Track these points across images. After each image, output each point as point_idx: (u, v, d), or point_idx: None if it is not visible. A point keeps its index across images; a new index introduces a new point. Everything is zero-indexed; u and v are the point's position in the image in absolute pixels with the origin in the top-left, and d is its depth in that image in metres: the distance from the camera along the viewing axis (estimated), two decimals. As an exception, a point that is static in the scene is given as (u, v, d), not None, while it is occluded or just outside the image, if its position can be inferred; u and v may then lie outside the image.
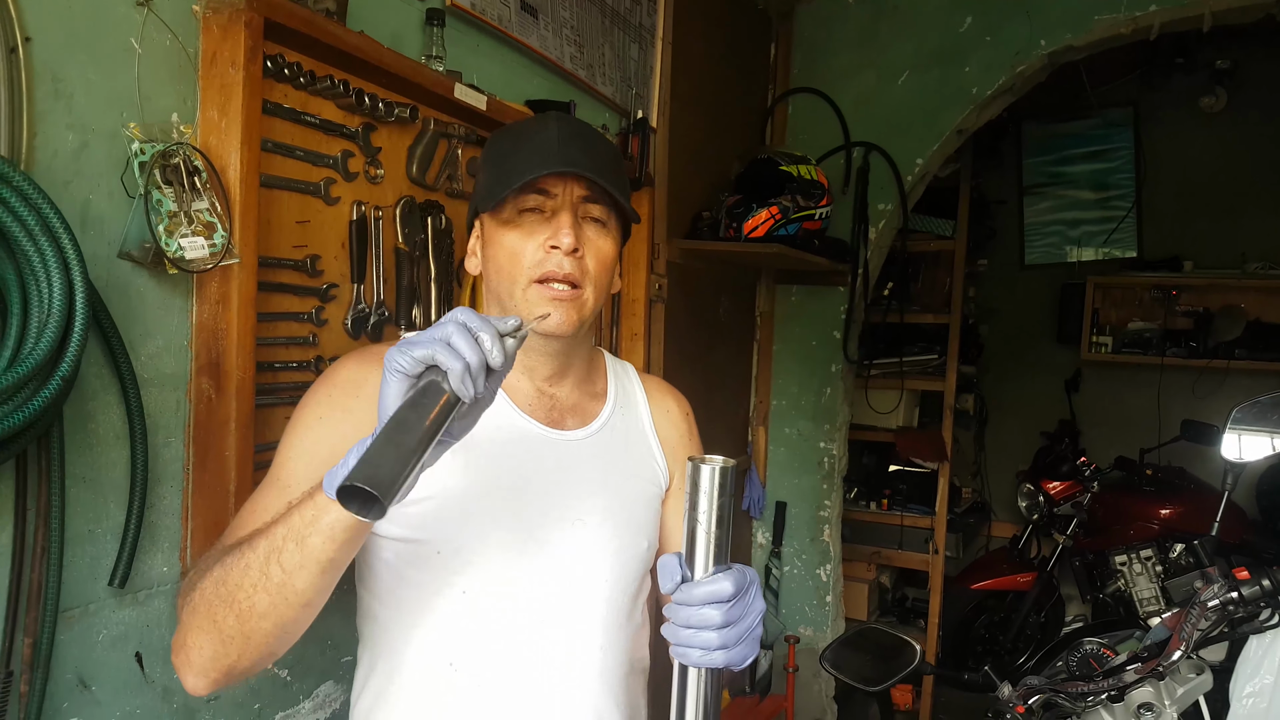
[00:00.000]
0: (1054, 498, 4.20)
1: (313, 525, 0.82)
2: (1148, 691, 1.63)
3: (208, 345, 1.29)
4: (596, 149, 1.08)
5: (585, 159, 1.04)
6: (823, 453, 3.42)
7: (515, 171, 1.02)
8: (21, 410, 0.97)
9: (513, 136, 1.10)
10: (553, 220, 1.06)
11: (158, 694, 1.31)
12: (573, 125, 1.09)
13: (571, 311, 1.06)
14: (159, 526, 1.29)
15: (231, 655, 0.88)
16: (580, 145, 1.06)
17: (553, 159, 1.02)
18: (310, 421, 1.03)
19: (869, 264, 3.25)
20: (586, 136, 1.09)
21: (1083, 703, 1.63)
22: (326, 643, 1.60)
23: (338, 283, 1.50)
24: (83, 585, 1.19)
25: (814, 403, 3.40)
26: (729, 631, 0.83)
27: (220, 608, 0.86)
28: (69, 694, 1.19)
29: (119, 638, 1.25)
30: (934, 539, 4.01)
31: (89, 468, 1.19)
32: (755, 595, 0.87)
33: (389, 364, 0.78)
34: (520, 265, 1.05)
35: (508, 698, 1.07)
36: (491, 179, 1.07)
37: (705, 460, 0.82)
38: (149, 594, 1.28)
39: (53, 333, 0.99)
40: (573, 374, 1.17)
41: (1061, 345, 4.99)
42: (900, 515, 4.10)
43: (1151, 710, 1.61)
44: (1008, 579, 4.23)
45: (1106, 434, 4.83)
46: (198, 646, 0.88)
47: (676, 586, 0.84)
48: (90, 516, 1.20)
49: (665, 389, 1.33)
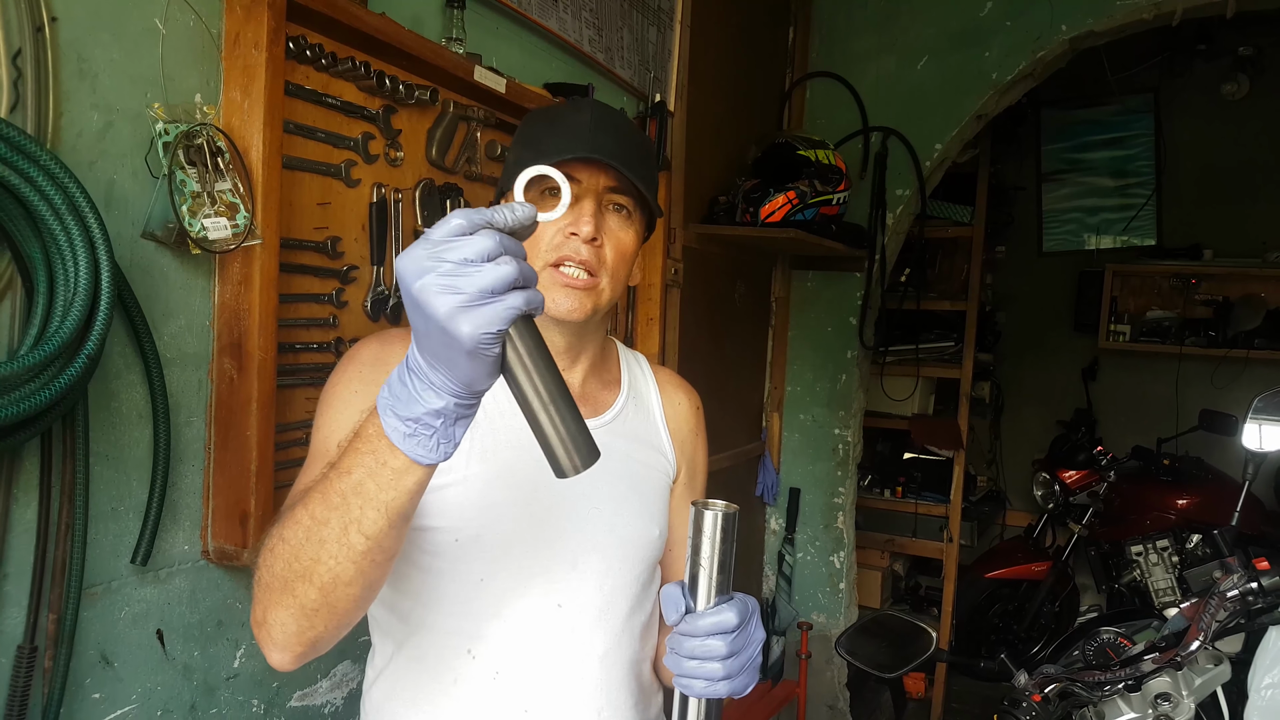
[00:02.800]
0: (1070, 487, 4.19)
1: (394, 485, 0.76)
2: (1165, 682, 1.62)
3: (230, 325, 1.29)
4: (629, 140, 1.07)
5: (616, 148, 1.02)
6: (837, 439, 3.42)
7: (544, 153, 1.00)
8: (47, 388, 0.97)
9: (546, 118, 1.08)
10: (575, 206, 1.04)
11: (178, 671, 1.32)
12: (607, 113, 1.08)
13: (586, 300, 1.04)
14: (180, 505, 1.30)
15: (318, 626, 0.85)
16: (612, 134, 1.04)
17: (582, 145, 1.01)
18: (346, 396, 1.03)
19: (886, 250, 3.23)
20: (620, 126, 1.07)
21: (1099, 692, 1.62)
22: (345, 623, 1.61)
23: (358, 265, 1.50)
24: (106, 563, 1.20)
25: (829, 389, 3.39)
26: (733, 661, 0.84)
27: (299, 584, 0.82)
28: (91, 670, 1.20)
29: (141, 615, 1.26)
30: (948, 527, 4.00)
31: (112, 446, 1.20)
32: (756, 625, 0.88)
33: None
34: (537, 247, 1.04)
35: (523, 686, 1.06)
36: (520, 158, 1.07)
37: (709, 505, 0.82)
38: (170, 572, 1.30)
39: (78, 311, 0.99)
40: (585, 362, 1.16)
41: (1079, 333, 4.95)
42: (914, 503, 4.09)
43: (1169, 700, 1.61)
44: (1022, 568, 4.22)
45: (1123, 423, 4.80)
46: (280, 623, 0.86)
47: (681, 617, 0.85)
48: (113, 494, 1.21)
49: (676, 382, 1.32)
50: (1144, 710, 1.61)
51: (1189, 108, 4.70)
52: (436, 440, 0.72)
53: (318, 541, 0.80)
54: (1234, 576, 1.61)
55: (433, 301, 0.64)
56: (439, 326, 0.65)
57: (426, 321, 0.66)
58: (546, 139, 1.03)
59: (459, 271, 0.64)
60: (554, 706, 1.08)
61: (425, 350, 0.69)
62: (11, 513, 1.09)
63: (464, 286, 0.64)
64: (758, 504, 3.52)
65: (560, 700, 1.08)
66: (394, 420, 0.72)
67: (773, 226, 2.54)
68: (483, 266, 0.64)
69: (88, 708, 1.21)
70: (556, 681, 1.08)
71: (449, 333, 0.65)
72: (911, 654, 1.56)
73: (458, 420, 0.72)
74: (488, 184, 1.75)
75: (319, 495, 0.80)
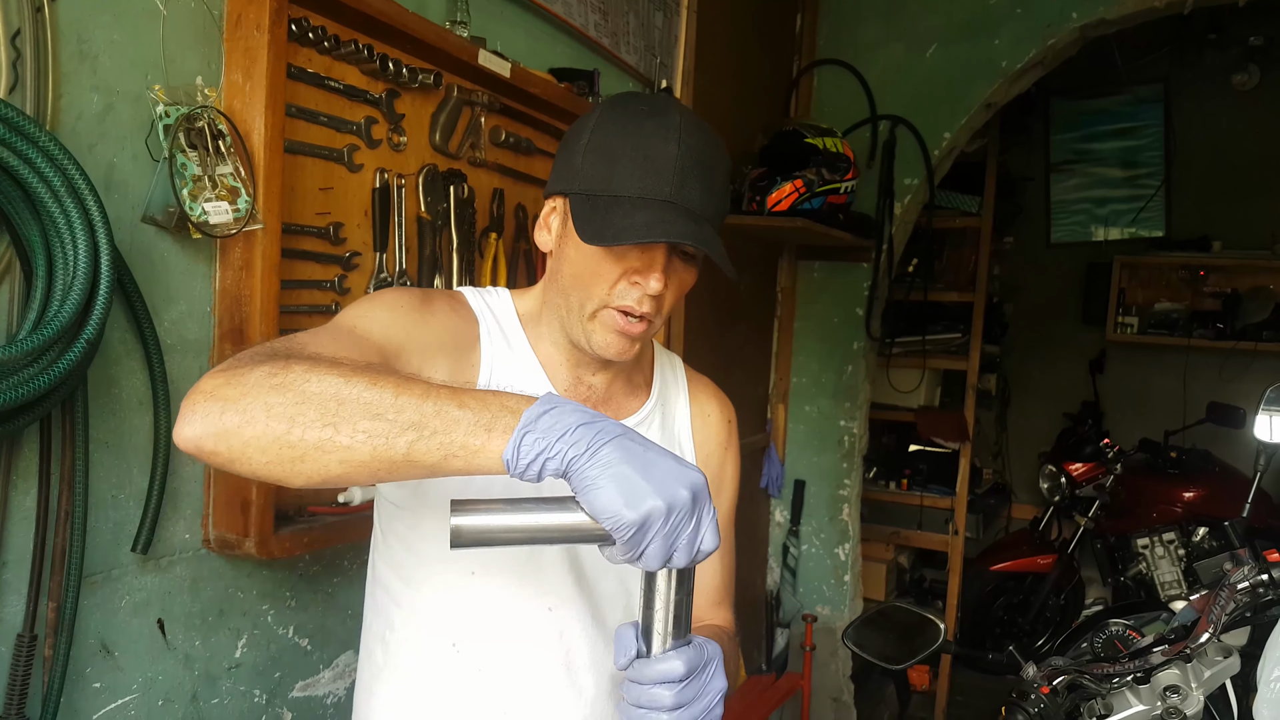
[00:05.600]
0: (1076, 479, 4.17)
1: (466, 457, 0.71)
2: (1174, 674, 1.60)
3: (231, 311, 1.28)
4: (714, 181, 0.97)
5: (700, 194, 0.94)
6: (843, 431, 3.40)
7: (618, 177, 0.93)
8: (46, 373, 0.96)
9: (628, 131, 0.95)
10: (645, 253, 0.97)
11: (179, 660, 1.31)
12: (695, 143, 0.95)
13: (637, 342, 1.02)
14: (181, 494, 1.29)
15: (266, 451, 0.72)
16: (699, 179, 0.94)
17: (665, 185, 0.93)
18: (398, 307, 0.97)
19: (894, 239, 3.20)
20: (707, 162, 0.96)
21: (1108, 684, 1.60)
22: (347, 612, 1.60)
23: (360, 251, 1.48)
24: (106, 551, 1.19)
25: (835, 380, 3.37)
26: (682, 713, 0.78)
27: (311, 411, 0.71)
28: (91, 659, 1.19)
29: (141, 604, 1.25)
30: (954, 520, 3.98)
31: (112, 433, 1.19)
32: (714, 673, 0.81)
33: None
34: (598, 287, 0.98)
35: (505, 686, 1.04)
36: (588, 168, 0.96)
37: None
38: (171, 560, 1.29)
39: (78, 296, 0.98)
40: (615, 365, 1.10)
41: (1086, 326, 4.92)
42: (920, 495, 4.07)
43: (1178, 692, 1.59)
44: (1028, 560, 4.21)
45: (1131, 416, 4.77)
46: (239, 413, 0.71)
47: (630, 662, 0.79)
48: (114, 482, 1.20)
49: (710, 391, 1.25)
50: (1153, 702, 1.60)
51: (1199, 98, 4.66)
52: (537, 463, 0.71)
53: (351, 416, 0.70)
54: (1244, 568, 1.58)
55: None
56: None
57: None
58: (625, 163, 0.94)
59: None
60: (535, 710, 1.05)
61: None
62: (10, 500, 1.08)
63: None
64: (762, 496, 3.51)
65: (543, 705, 1.06)
66: (529, 445, 0.70)
67: (779, 216, 2.52)
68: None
69: (88, 697, 1.20)
70: (540, 685, 1.05)
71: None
72: (919, 645, 1.55)
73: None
74: (492, 170, 1.73)
75: (386, 391, 0.71)
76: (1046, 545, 4.27)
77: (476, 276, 1.72)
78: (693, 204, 0.94)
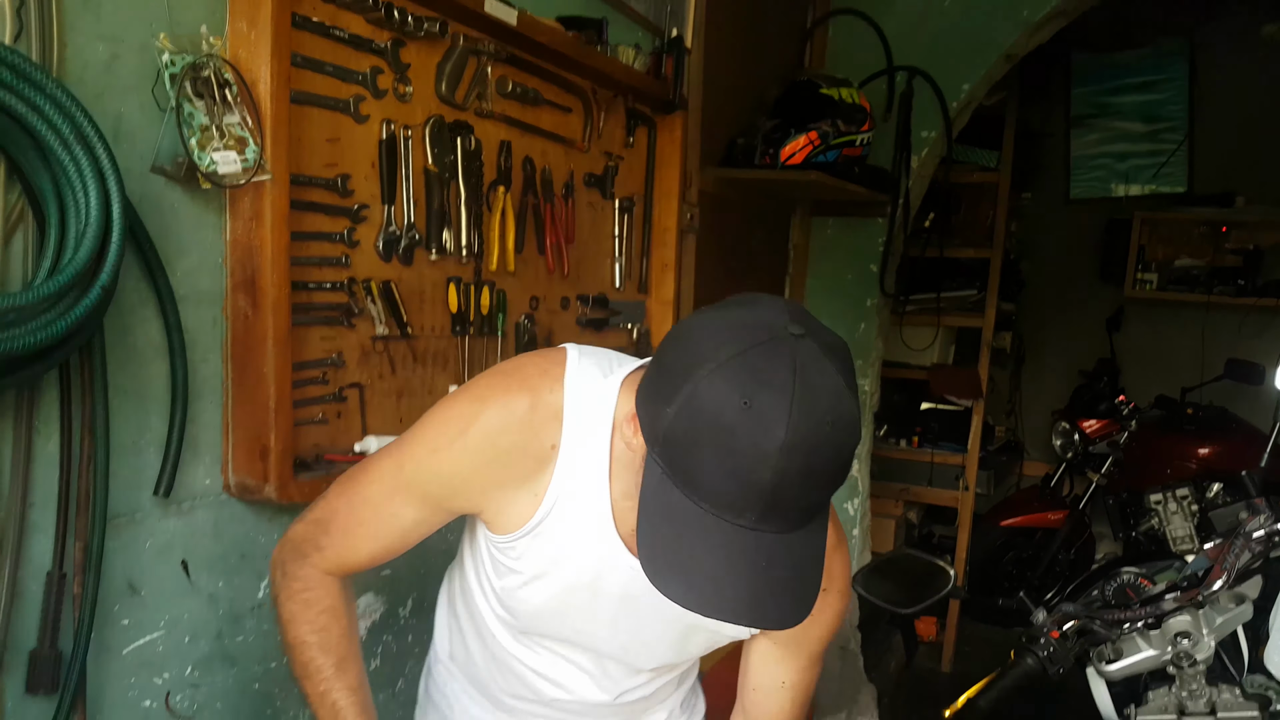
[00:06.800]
0: (1090, 436, 4.16)
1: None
2: (1185, 620, 1.62)
3: (242, 262, 1.29)
4: (817, 481, 0.80)
5: (797, 510, 0.80)
6: (856, 388, 3.39)
7: (702, 490, 0.79)
8: (64, 318, 0.98)
9: (723, 427, 0.77)
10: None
11: (204, 600, 1.35)
12: (799, 466, 0.77)
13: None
14: (200, 440, 1.31)
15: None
16: (799, 486, 0.78)
17: (746, 515, 0.78)
18: (450, 453, 0.99)
19: (910, 194, 3.17)
20: (815, 466, 0.78)
21: (1118, 630, 1.62)
22: (364, 560, 1.63)
23: (368, 203, 1.49)
24: (129, 494, 1.22)
25: (847, 338, 3.31)
26: None
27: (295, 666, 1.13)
28: (119, 597, 1.23)
29: (165, 546, 1.28)
30: (965, 476, 3.99)
31: (131, 380, 1.21)
32: None
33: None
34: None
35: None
36: (675, 447, 0.80)
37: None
38: (192, 505, 1.31)
39: (91, 241, 0.99)
40: None
41: (1104, 283, 4.87)
42: (931, 453, 4.08)
43: (1189, 639, 1.61)
44: (1038, 516, 4.22)
45: (1147, 374, 4.73)
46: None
47: None
48: (133, 429, 1.22)
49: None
50: (1163, 648, 1.61)
51: (1225, 51, 4.55)
52: None
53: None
54: (1260, 517, 1.59)
55: None
56: None
57: None
58: (710, 464, 0.78)
59: None
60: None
61: None
62: (34, 445, 1.10)
63: None
64: (776, 452, 3.51)
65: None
66: None
67: (794, 169, 2.50)
68: None
69: (117, 633, 1.23)
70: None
71: None
72: (928, 592, 1.56)
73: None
74: (499, 121, 1.72)
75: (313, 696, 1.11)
76: (1058, 501, 4.27)
77: (485, 230, 1.72)
78: (781, 525, 0.79)
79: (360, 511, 1.07)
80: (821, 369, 0.77)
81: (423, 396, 1.66)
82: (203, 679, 1.37)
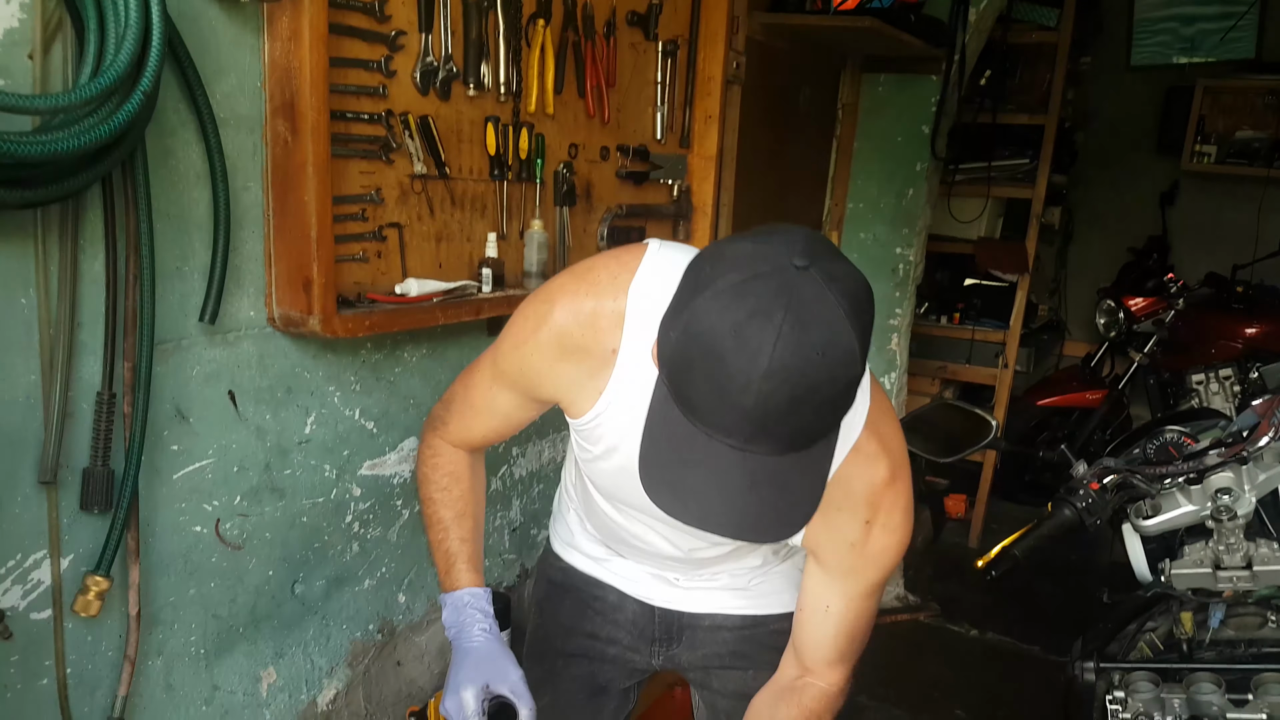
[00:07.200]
0: (1135, 314, 4.06)
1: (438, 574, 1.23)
2: (1228, 476, 1.60)
3: (281, 85, 1.26)
4: (803, 414, 0.79)
5: (783, 440, 0.80)
6: (898, 259, 3.32)
7: (697, 410, 0.81)
8: (107, 123, 0.96)
9: (713, 352, 0.78)
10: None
11: (251, 431, 1.37)
12: (783, 394, 0.77)
13: None
14: (243, 270, 1.31)
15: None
16: (784, 420, 0.79)
17: (734, 467, 0.81)
18: (527, 348, 1.08)
19: (966, 49, 3.00)
20: (799, 396, 0.77)
21: (1158, 485, 1.61)
22: (409, 401, 1.65)
23: (406, 30, 1.43)
24: (175, 320, 1.23)
25: (894, 205, 3.26)
26: None
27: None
28: (169, 423, 1.25)
29: (211, 375, 1.30)
30: (1005, 353, 3.93)
31: (173, 204, 1.19)
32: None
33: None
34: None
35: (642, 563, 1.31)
36: (675, 367, 0.82)
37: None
38: (238, 336, 1.32)
39: (131, 44, 0.96)
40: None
41: (1161, 155, 4.66)
42: (972, 330, 4.02)
43: (1229, 494, 1.59)
44: (1076, 395, 4.18)
45: (1199, 251, 4.58)
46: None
47: None
48: (177, 254, 1.22)
49: (866, 473, 1.04)
50: (1203, 503, 1.60)
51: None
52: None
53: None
54: (1314, 374, 1.55)
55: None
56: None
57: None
58: (701, 385, 0.80)
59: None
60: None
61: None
62: (80, 263, 1.10)
63: None
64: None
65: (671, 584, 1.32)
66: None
67: (846, 15, 2.37)
68: None
69: (168, 458, 1.26)
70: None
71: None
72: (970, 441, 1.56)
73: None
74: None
75: (433, 534, 1.25)
76: (1097, 381, 4.22)
77: (524, 67, 1.66)
78: (770, 448, 0.81)
79: (471, 396, 1.19)
80: (821, 300, 0.78)
81: (461, 242, 1.64)
82: (251, 509, 1.41)
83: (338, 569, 1.59)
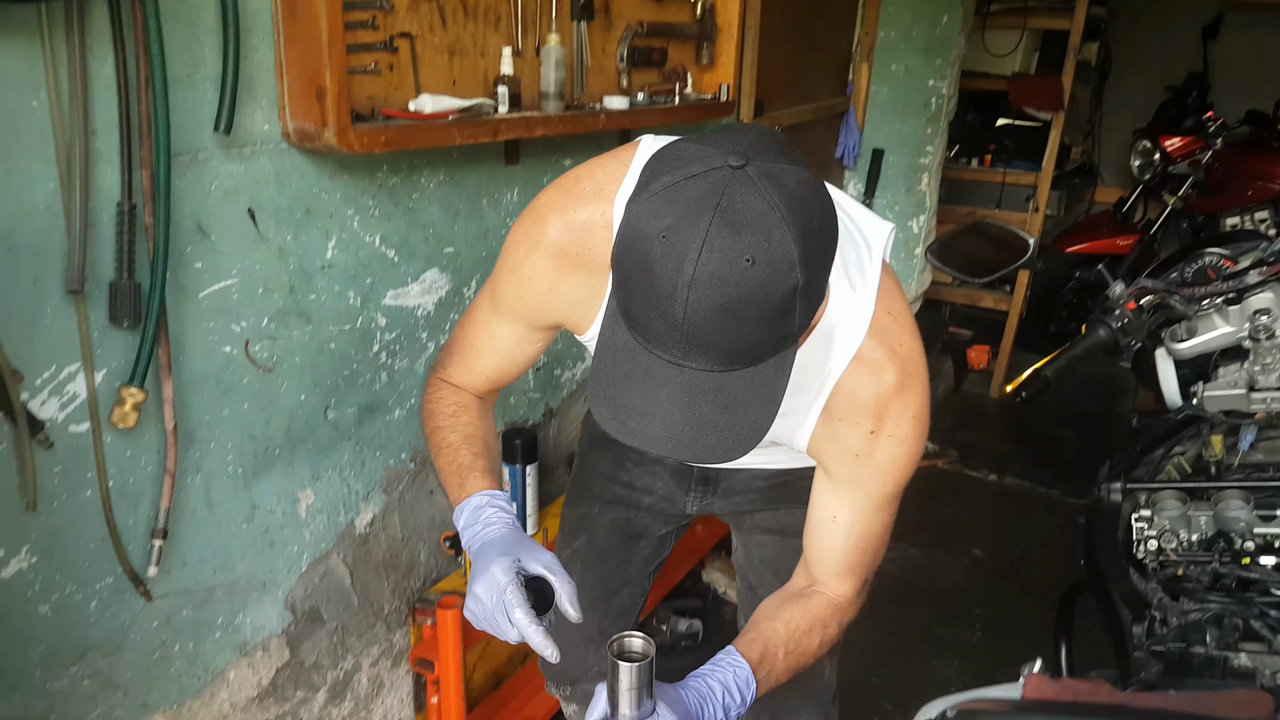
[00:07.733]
0: (1171, 155, 3.92)
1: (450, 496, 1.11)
2: (1268, 296, 1.56)
3: (280, -128, 1.16)
4: (740, 327, 0.74)
5: (718, 354, 0.76)
6: (931, 91, 3.19)
7: (638, 323, 0.77)
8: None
9: (643, 257, 0.73)
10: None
11: (274, 252, 1.35)
12: (711, 303, 0.72)
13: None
14: (255, 81, 1.25)
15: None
16: (719, 332, 0.74)
17: (671, 381, 0.77)
18: (524, 271, 1.04)
19: None
20: (731, 310, 0.73)
21: (1196, 306, 1.57)
22: (429, 230, 1.62)
23: None
24: (189, 132, 1.19)
25: (927, 33, 3.09)
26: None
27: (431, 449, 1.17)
28: (190, 239, 1.23)
29: (230, 191, 1.27)
30: (1035, 196, 3.83)
31: (180, 6, 1.13)
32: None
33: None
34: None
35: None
36: (620, 277, 0.78)
37: (626, 654, 0.89)
38: (254, 150, 1.28)
39: None
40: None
41: (1209, -16, 4.40)
42: (1002, 172, 3.91)
43: (1268, 314, 1.55)
44: (1106, 241, 4.09)
45: (1241, 88, 4.37)
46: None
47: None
48: (188, 60, 1.16)
49: (872, 385, 0.98)
50: (1240, 324, 1.57)
51: None
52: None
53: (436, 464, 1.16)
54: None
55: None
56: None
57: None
58: (639, 296, 0.76)
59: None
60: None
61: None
62: (90, 66, 1.06)
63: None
64: (836, 167, 3.39)
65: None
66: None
67: None
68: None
69: (192, 276, 1.25)
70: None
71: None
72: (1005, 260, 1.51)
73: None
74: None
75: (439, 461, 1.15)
76: (1128, 227, 4.12)
77: None
78: (707, 363, 0.76)
79: (471, 334, 1.15)
80: (753, 204, 0.72)
81: (475, 57, 1.57)
82: (279, 332, 1.40)
83: (368, 397, 1.61)
